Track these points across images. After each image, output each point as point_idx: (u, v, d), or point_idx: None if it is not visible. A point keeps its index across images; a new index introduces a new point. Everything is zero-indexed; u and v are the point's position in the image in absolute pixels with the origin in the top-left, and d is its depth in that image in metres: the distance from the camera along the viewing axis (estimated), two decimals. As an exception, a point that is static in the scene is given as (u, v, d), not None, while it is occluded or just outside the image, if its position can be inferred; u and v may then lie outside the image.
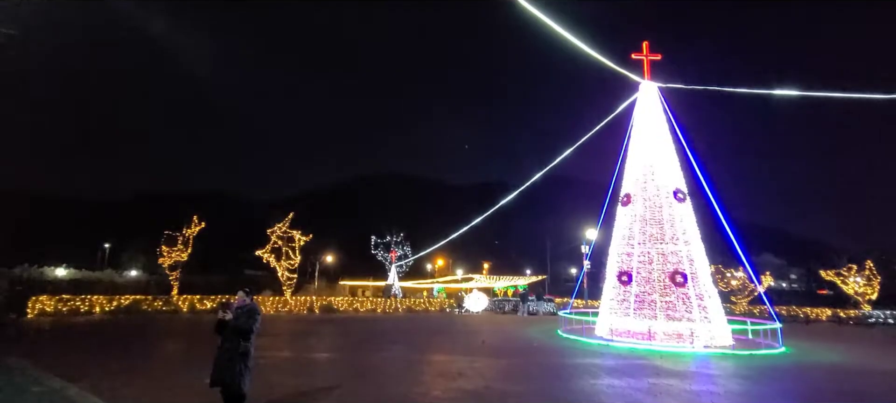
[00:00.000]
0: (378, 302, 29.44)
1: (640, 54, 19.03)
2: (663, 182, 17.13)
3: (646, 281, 15.93)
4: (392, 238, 47.30)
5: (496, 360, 11.08)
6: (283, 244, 26.42)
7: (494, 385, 8.02)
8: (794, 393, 8.69)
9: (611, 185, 19.24)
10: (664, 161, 17.55)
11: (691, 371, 10.41)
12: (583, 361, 11.18)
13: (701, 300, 15.28)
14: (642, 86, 18.90)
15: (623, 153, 18.94)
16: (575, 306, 26.61)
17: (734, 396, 7.93)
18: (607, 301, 17.11)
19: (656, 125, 18.13)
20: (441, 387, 7.74)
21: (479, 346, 13.57)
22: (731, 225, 17.32)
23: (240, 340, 5.22)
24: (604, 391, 7.93)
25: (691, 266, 15.78)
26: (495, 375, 9.06)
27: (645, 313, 15.48)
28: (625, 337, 15.43)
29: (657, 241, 16.24)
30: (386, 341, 14.69)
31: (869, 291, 33.60)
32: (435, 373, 9.10)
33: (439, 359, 10.93)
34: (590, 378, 9.05)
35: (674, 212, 16.60)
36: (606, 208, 19.55)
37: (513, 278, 50.69)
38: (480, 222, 32.60)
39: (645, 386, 8.34)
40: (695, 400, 7.44)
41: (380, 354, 11.72)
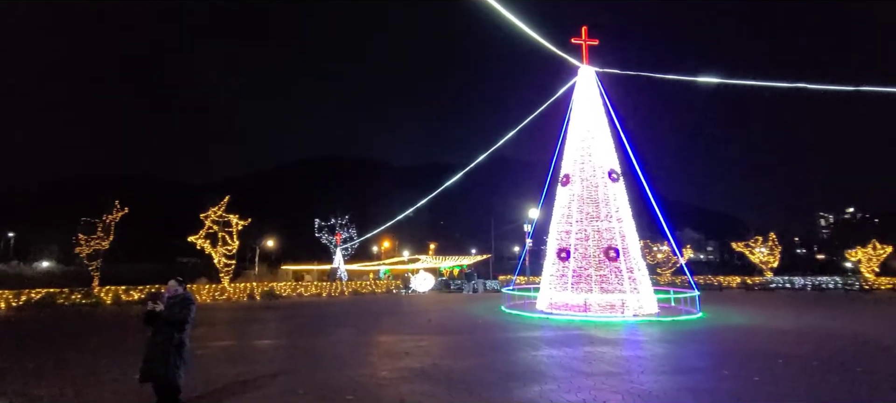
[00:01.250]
0: (323, 287, 28.87)
1: (578, 39, 19.68)
2: (599, 163, 18.06)
3: (583, 256, 16.87)
4: (337, 220, 46.28)
5: (442, 338, 11.34)
6: (219, 229, 25.02)
7: (441, 362, 8.22)
8: (709, 353, 9.68)
9: (551, 166, 20.00)
10: (600, 143, 18.47)
11: (622, 338, 11.26)
12: (524, 334, 11.72)
13: (631, 273, 16.48)
14: (581, 71, 19.62)
15: (563, 135, 19.69)
16: (518, 283, 27.65)
17: (658, 359, 8.70)
18: (547, 277, 17.96)
19: (593, 108, 18.97)
20: (388, 367, 7.82)
21: (426, 325, 13.79)
22: (658, 204, 18.70)
23: (173, 332, 4.94)
24: (544, 361, 8.39)
25: (623, 241, 16.90)
26: (441, 352, 9.28)
27: (581, 287, 16.44)
28: (563, 310, 16.34)
29: (593, 219, 17.19)
30: (332, 325, 14.52)
31: (771, 260, 37.89)
32: (382, 354, 9.16)
33: (386, 340, 11.00)
34: (531, 349, 9.53)
35: (608, 192, 17.61)
36: (547, 188, 20.34)
37: (458, 258, 51.58)
38: (426, 203, 32.80)
39: (581, 355, 8.93)
40: (624, 365, 8.08)
41: (325, 338, 11.58)
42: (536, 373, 7.41)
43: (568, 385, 6.55)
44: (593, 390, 6.30)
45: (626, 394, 6.08)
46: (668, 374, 7.40)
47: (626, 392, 6.16)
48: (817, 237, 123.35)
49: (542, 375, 7.28)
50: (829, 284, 35.37)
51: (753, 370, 7.64)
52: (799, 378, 7.20)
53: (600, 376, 7.15)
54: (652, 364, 8.21)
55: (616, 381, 6.81)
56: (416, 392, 6.19)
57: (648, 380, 6.88)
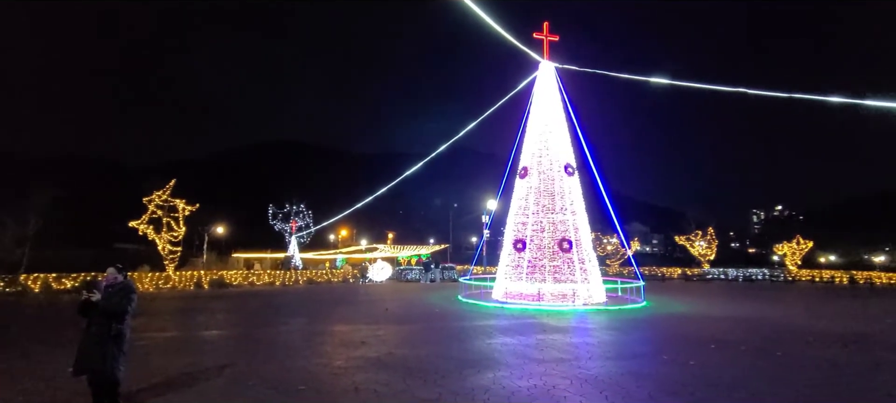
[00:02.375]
0: (276, 275, 28.07)
1: (540, 34, 20.03)
2: (556, 157, 18.57)
3: (538, 247, 17.36)
4: (292, 207, 44.97)
5: (399, 327, 11.36)
6: (163, 214, 23.67)
7: (397, 351, 8.25)
8: (651, 340, 10.29)
9: (510, 158, 20.36)
10: (558, 137, 18.97)
11: (572, 326, 11.73)
12: (480, 323, 11.96)
13: (583, 264, 17.16)
14: (541, 66, 19.99)
15: (522, 128, 20.06)
16: (475, 272, 28.09)
17: (605, 345, 9.15)
18: (504, 267, 18.36)
19: (552, 103, 19.43)
20: (343, 357, 7.76)
21: (383, 314, 13.76)
22: (610, 198, 19.51)
23: (111, 322, 4.66)
24: (498, 349, 8.61)
25: (576, 233, 17.53)
26: (398, 341, 9.31)
27: (536, 277, 16.93)
28: (518, 299, 16.79)
29: (549, 212, 17.70)
30: (285, 314, 14.17)
31: (709, 253, 40.63)
32: (337, 343, 9.06)
33: (342, 329, 10.88)
34: (486, 338, 9.75)
35: (564, 185, 18.16)
36: (506, 180, 20.70)
37: (417, 247, 51.67)
38: (386, 192, 32.48)
39: (533, 342, 9.24)
40: (574, 351, 8.44)
41: (278, 328, 11.30)
42: (491, 360, 7.60)
43: (520, 372, 6.77)
44: (544, 376, 6.55)
45: (574, 379, 6.36)
46: (614, 360, 7.80)
47: (575, 378, 6.45)
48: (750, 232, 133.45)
49: (496, 362, 7.48)
50: (758, 275, 38.38)
51: (690, 354, 8.21)
52: (729, 361, 7.81)
53: (551, 362, 7.43)
54: (599, 350, 8.62)
55: (565, 367, 7.11)
56: (371, 381, 6.19)
57: (595, 366, 7.24)
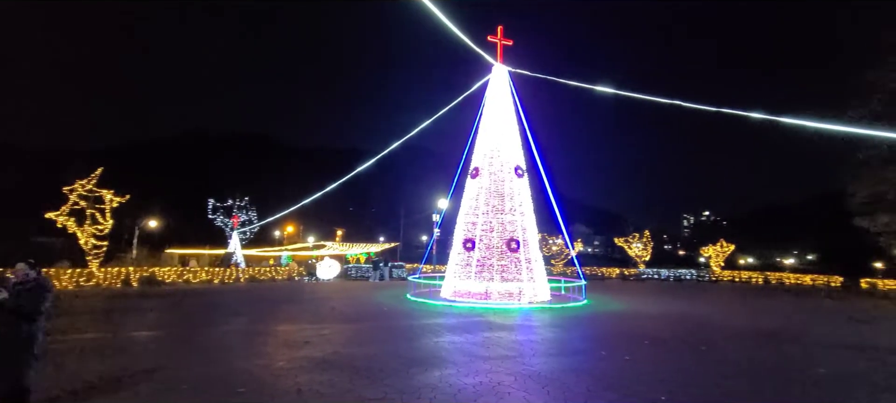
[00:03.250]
0: (215, 273, 26.63)
1: (494, 38, 20.40)
2: (506, 158, 19.00)
3: (487, 247, 17.68)
4: (235, 201, 42.82)
5: (346, 326, 11.16)
6: (87, 205, 21.70)
7: (343, 350, 8.10)
8: (591, 336, 10.80)
9: (462, 158, 20.58)
10: (509, 139, 19.42)
11: (518, 324, 12.07)
12: (428, 321, 12.00)
13: (529, 263, 17.68)
14: (494, 69, 20.37)
15: (474, 130, 20.34)
16: (424, 271, 28.14)
17: (548, 342, 9.50)
18: (453, 265, 18.54)
19: (504, 106, 19.86)
20: (286, 357, 7.51)
21: (329, 313, 13.45)
22: (556, 200, 20.24)
23: (21, 324, 4.22)
24: (445, 347, 8.69)
25: (524, 234, 18.04)
26: (344, 340, 9.14)
27: (484, 276, 17.24)
28: (466, 298, 17.01)
29: (498, 212, 18.08)
30: (223, 314, 13.49)
31: (645, 254, 43.29)
32: (279, 344, 8.75)
33: (285, 329, 10.52)
34: (433, 336, 9.81)
35: (513, 186, 18.63)
36: (457, 180, 20.91)
37: (366, 245, 50.94)
38: (336, 188, 31.68)
39: (480, 340, 9.41)
40: (519, 348, 8.69)
41: (215, 328, 10.73)
42: (438, 359, 7.66)
43: (467, 369, 6.88)
44: (490, 373, 6.69)
45: (518, 376, 6.56)
46: (556, 356, 8.12)
47: (519, 374, 6.65)
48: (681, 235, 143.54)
49: (444, 360, 7.54)
50: (687, 276, 41.38)
51: (625, 350, 8.71)
52: (659, 356, 8.37)
53: (497, 359, 7.61)
54: (542, 347, 8.93)
55: (510, 364, 7.31)
56: (315, 382, 6.04)
57: (538, 362, 7.50)
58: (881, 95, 25.98)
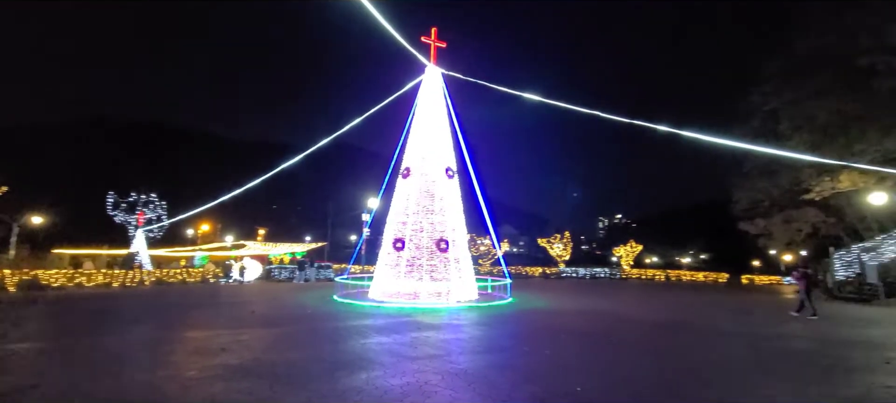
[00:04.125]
0: (114, 275, 23.94)
1: (428, 39, 20.51)
2: (438, 159, 19.18)
3: (416, 247, 17.72)
4: (139, 196, 38.70)
5: (266, 330, 10.58)
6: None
7: (263, 356, 7.67)
8: (515, 333, 11.24)
9: (394, 158, 20.43)
10: (440, 140, 19.62)
11: (445, 323, 12.23)
12: (355, 323, 11.76)
13: (458, 263, 18.01)
14: (428, 70, 20.48)
15: (407, 129, 20.30)
16: (353, 271, 27.53)
17: (475, 340, 9.74)
18: (382, 266, 18.35)
19: (437, 107, 20.04)
20: (198, 366, 6.94)
21: (248, 317, 12.67)
22: (485, 201, 20.81)
23: None
24: (372, 348, 8.57)
25: (453, 234, 18.33)
26: (265, 346, 8.67)
27: (413, 275, 17.26)
28: (395, 298, 16.92)
29: (428, 213, 18.20)
30: (123, 321, 12.16)
31: (565, 254, 46.02)
32: (190, 352, 8.08)
33: (197, 336, 9.73)
34: (361, 337, 9.62)
35: (444, 187, 18.86)
36: (388, 179, 20.72)
37: (291, 245, 48.73)
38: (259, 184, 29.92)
39: (408, 340, 9.40)
40: (446, 347, 8.81)
41: (113, 336, 9.64)
42: (364, 361, 7.53)
43: (394, 370, 6.84)
44: (417, 373, 6.71)
45: (445, 374, 6.65)
46: (482, 353, 8.35)
47: (446, 373, 6.74)
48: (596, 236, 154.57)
49: (370, 362, 7.43)
50: (601, 274, 44.64)
51: (546, 344, 9.19)
52: (576, 349, 8.94)
53: (424, 359, 7.65)
54: (469, 345, 9.14)
55: (437, 363, 7.39)
56: (231, 391, 5.66)
57: (465, 360, 7.66)
58: (761, 116, 29.95)
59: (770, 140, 27.61)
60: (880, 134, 24.08)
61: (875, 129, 24.22)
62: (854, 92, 24.72)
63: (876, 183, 26.04)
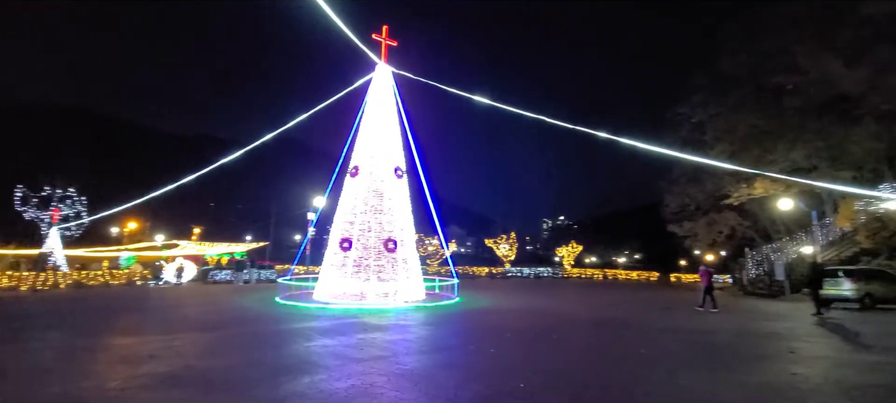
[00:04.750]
0: (22, 278, 21.57)
1: (379, 36, 20.28)
2: (387, 159, 19.02)
3: (364, 247, 17.47)
4: (54, 191, 35.04)
5: (201, 335, 10.00)
6: None
7: (197, 363, 7.25)
8: (461, 332, 11.40)
9: (342, 156, 20.01)
10: (390, 140, 19.47)
11: (392, 324, 12.16)
12: (299, 325, 11.40)
13: (405, 263, 17.96)
14: (378, 68, 20.26)
15: (356, 128, 19.95)
16: (296, 272, 26.64)
17: (422, 340, 9.77)
18: (328, 266, 17.91)
19: (387, 106, 19.86)
20: (122, 376, 6.43)
21: (181, 322, 11.91)
22: (434, 202, 20.91)
23: None
24: (317, 351, 8.35)
25: (401, 234, 18.26)
26: (199, 352, 8.19)
27: (360, 276, 17.00)
28: (341, 300, 16.58)
29: (377, 212, 18.00)
30: (34, 327, 10.99)
31: (510, 254, 47.25)
32: (114, 361, 7.47)
33: (122, 343, 9.01)
34: (304, 340, 9.35)
35: (393, 187, 18.73)
36: (336, 178, 20.26)
37: (230, 244, 46.32)
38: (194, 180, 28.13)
39: (354, 342, 9.25)
40: (392, 348, 8.77)
41: (20, 345, 8.68)
42: (308, 364, 7.33)
43: (339, 373, 6.71)
44: (362, 375, 6.63)
45: (391, 375, 6.62)
46: (428, 353, 8.40)
47: (392, 374, 6.72)
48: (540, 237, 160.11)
49: (314, 365, 7.25)
50: (544, 273, 46.30)
51: (491, 343, 9.40)
52: (520, 346, 9.23)
53: (370, 361, 7.57)
54: (416, 345, 9.16)
55: (384, 364, 7.34)
56: (160, 401, 5.30)
57: (411, 360, 7.67)
58: (688, 126, 32.44)
59: (696, 149, 30.02)
60: (788, 147, 26.91)
61: (784, 142, 27.03)
62: (766, 108, 27.45)
63: (784, 190, 29.07)
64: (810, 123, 25.88)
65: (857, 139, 24.55)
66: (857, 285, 17.78)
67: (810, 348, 9.08)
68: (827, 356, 8.28)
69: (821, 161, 26.90)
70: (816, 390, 5.83)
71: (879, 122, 23.38)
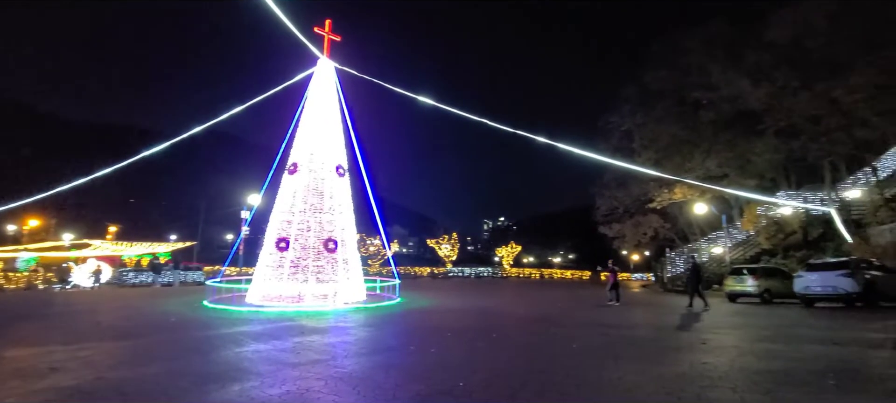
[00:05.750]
0: None
1: (322, 30, 19.67)
2: (328, 156, 18.50)
3: (302, 247, 16.86)
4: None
5: (115, 344, 9.14)
6: None
7: (109, 375, 6.61)
8: (402, 333, 11.34)
9: (280, 152, 19.18)
10: (331, 137, 18.95)
11: (331, 326, 11.85)
12: (229, 331, 10.77)
13: (346, 264, 17.58)
14: (320, 62, 19.65)
15: (295, 123, 19.21)
16: (228, 274, 25.14)
17: (361, 342, 9.60)
18: (263, 267, 17.09)
19: (329, 102, 19.31)
20: (18, 392, 5.71)
21: (92, 329, 10.80)
22: (376, 201, 20.64)
23: None
24: (248, 357, 7.93)
25: (342, 234, 17.84)
26: (112, 362, 7.48)
27: (298, 277, 16.40)
28: (276, 302, 15.88)
29: (316, 211, 17.44)
30: None
31: (452, 254, 47.84)
32: (7, 375, 6.62)
33: (19, 355, 8.01)
34: (235, 346, 8.84)
35: (334, 186, 18.25)
36: (273, 174, 19.38)
37: (153, 244, 42.79)
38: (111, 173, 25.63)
39: (289, 346, 8.90)
40: (331, 351, 8.54)
41: None
42: (238, 371, 6.94)
43: (273, 379, 6.42)
44: (298, 380, 6.39)
45: (329, 379, 6.44)
46: (368, 355, 8.27)
47: (330, 377, 6.53)
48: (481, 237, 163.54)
49: (246, 372, 6.87)
50: (485, 273, 47.34)
51: (431, 343, 9.44)
52: (459, 346, 9.36)
53: (307, 365, 7.32)
54: (355, 347, 8.98)
55: (321, 368, 7.13)
56: (64, 419, 4.77)
57: (350, 363, 7.51)
58: (618, 134, 34.64)
59: (625, 155, 32.17)
60: (703, 156, 29.60)
61: (700, 152, 29.69)
62: (686, 120, 30.00)
63: (700, 196, 31.91)
64: (722, 135, 28.68)
65: (759, 151, 27.57)
66: (759, 282, 19.95)
67: (719, 339, 10.04)
68: (733, 345, 9.19)
69: (731, 169, 29.91)
70: (724, 377, 6.45)
71: (778, 136, 26.41)
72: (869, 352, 8.27)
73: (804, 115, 23.71)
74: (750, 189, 29.88)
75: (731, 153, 28.88)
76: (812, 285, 17.31)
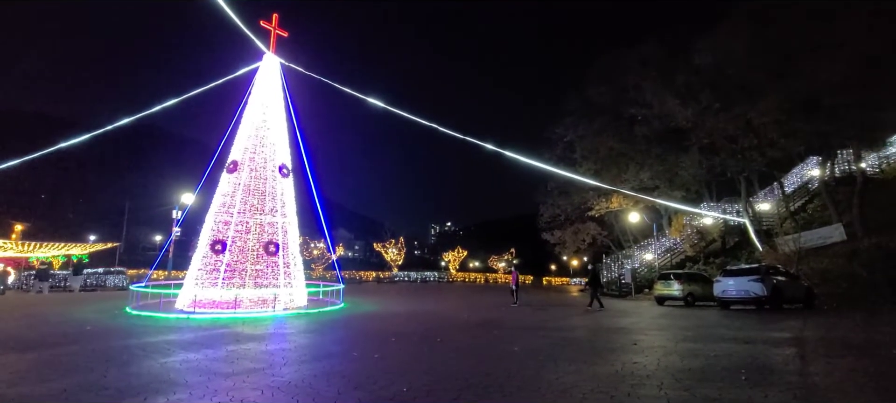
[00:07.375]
0: None
1: (268, 24, 18.92)
2: (271, 155, 17.76)
3: (240, 250, 16.05)
4: None
5: (19, 356, 8.19)
6: None
7: (9, 391, 5.91)
8: (345, 339, 11.08)
9: (218, 149, 18.18)
10: (275, 135, 18.21)
11: (270, 332, 11.34)
12: (154, 339, 10.00)
13: (288, 267, 16.92)
14: (265, 58, 18.88)
15: (236, 119, 18.30)
16: (154, 278, 23.34)
17: (302, 349, 9.27)
18: (195, 271, 16.06)
19: (273, 99, 18.56)
20: None
21: (-12, 341, 9.59)
22: (321, 203, 20.07)
23: None
24: (176, 368, 7.40)
25: (285, 236, 17.17)
26: (12, 377, 6.69)
27: (235, 282, 15.57)
28: (209, 308, 14.96)
29: (257, 212, 16.68)
30: None
31: (398, 258, 47.54)
32: None
33: None
34: (160, 356, 8.22)
35: (277, 186, 17.54)
36: (209, 172, 18.31)
37: (67, 245, 38.87)
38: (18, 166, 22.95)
39: (223, 355, 8.41)
40: (268, 359, 8.17)
41: None
42: (163, 383, 6.45)
43: (203, 390, 6.03)
44: (232, 390, 6.05)
45: (266, 389, 6.15)
46: (309, 363, 7.99)
47: (267, 387, 6.25)
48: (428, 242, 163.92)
49: (172, 383, 6.40)
50: (431, 277, 47.42)
51: (375, 348, 9.30)
52: (404, 350, 9.29)
53: (242, 374, 6.95)
54: (295, 355, 8.66)
55: (258, 377, 6.80)
56: (-51, 442, 4.19)
57: (290, 371, 7.22)
58: (562, 144, 36.15)
59: (568, 165, 33.62)
60: (637, 168, 31.59)
61: (634, 164, 31.66)
62: (622, 134, 31.90)
63: (634, 205, 33.99)
64: (654, 149, 30.79)
65: (685, 165, 29.87)
66: (683, 286, 21.55)
67: (649, 340, 10.72)
68: (660, 346, 9.85)
69: (661, 181, 32.15)
70: (652, 375, 6.90)
71: (701, 153, 28.76)
72: (773, 350, 9.19)
73: (724, 135, 26.03)
74: (677, 200, 32.35)
75: (662, 166, 31.09)
76: (728, 289, 18.97)
